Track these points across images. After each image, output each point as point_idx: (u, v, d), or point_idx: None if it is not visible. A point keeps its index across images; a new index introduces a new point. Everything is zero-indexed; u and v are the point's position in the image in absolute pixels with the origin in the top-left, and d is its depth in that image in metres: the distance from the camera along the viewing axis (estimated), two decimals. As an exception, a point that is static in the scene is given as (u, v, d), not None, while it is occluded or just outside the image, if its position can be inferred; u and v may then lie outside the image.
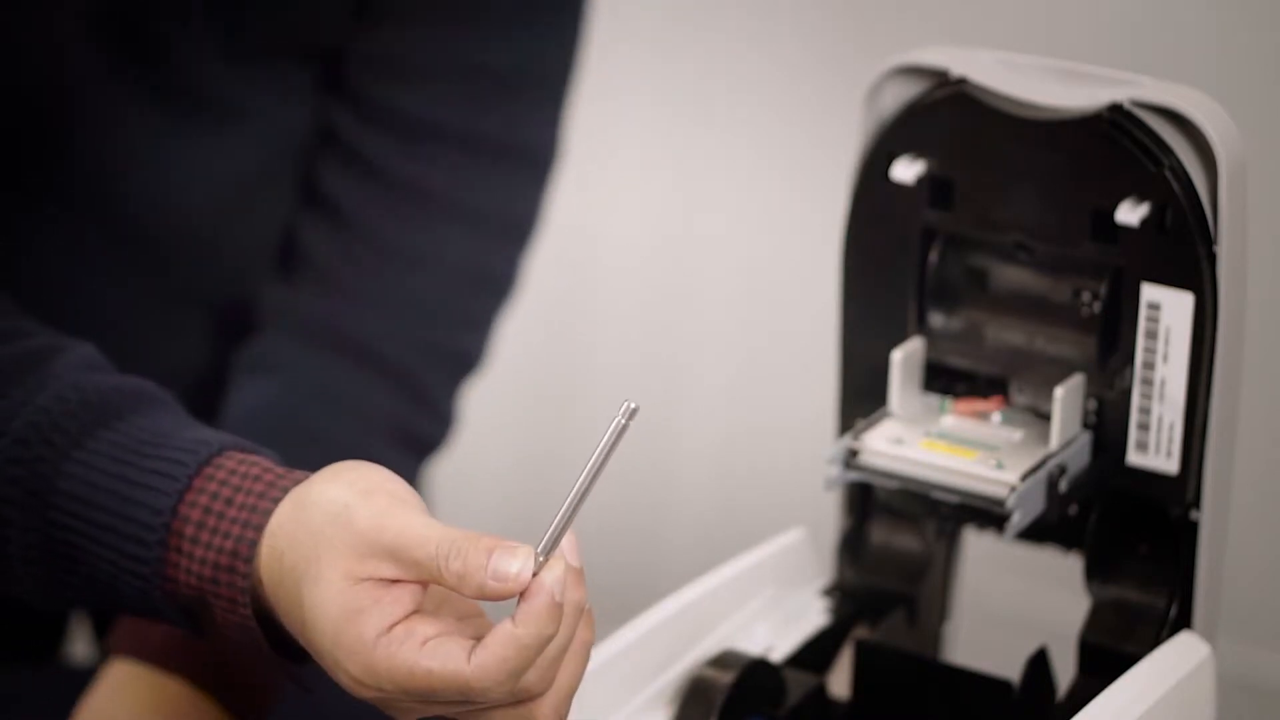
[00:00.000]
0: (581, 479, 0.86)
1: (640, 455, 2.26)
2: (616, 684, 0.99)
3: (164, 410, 0.98)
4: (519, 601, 0.86)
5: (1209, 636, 1.01)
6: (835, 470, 1.03)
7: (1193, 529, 1.01)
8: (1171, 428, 1.00)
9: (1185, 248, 0.97)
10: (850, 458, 1.02)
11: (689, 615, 1.02)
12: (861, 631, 1.08)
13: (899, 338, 1.05)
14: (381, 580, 0.88)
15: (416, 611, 0.88)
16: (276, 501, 0.92)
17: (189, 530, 0.93)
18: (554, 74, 1.28)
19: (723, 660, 1.02)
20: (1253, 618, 2.00)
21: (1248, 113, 1.06)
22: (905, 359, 1.04)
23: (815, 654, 1.07)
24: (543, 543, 0.86)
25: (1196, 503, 1.01)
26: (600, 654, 0.98)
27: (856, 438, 1.03)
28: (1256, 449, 1.63)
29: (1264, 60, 1.88)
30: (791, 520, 1.14)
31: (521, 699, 0.88)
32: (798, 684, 1.04)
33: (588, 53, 1.31)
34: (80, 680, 1.37)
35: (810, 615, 1.08)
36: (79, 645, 1.58)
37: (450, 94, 1.25)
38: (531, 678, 0.87)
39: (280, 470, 0.94)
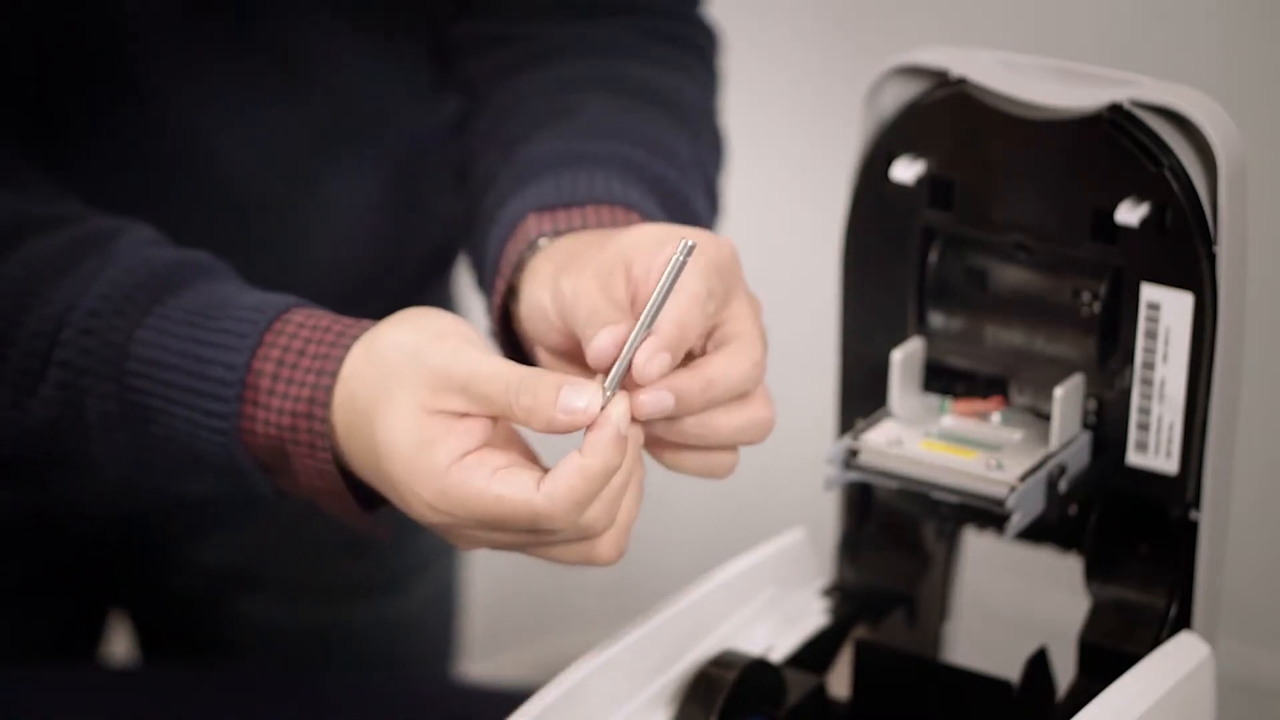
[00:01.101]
0: (644, 317, 0.90)
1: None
2: (616, 684, 0.99)
3: (226, 279, 1.02)
4: (586, 434, 0.89)
5: (1209, 636, 1.01)
6: (835, 470, 1.03)
7: (1192, 529, 1.01)
8: (1171, 428, 1.00)
9: (1185, 248, 0.97)
10: (850, 458, 1.02)
11: (689, 615, 1.02)
12: (861, 631, 1.08)
13: (899, 338, 1.05)
14: (453, 413, 0.91)
15: (487, 444, 0.91)
16: (347, 349, 0.95)
17: (264, 383, 0.96)
18: None
19: (723, 660, 1.02)
20: (1253, 618, 2.00)
21: (1248, 113, 1.06)
22: (905, 359, 1.04)
23: (815, 654, 1.07)
24: (609, 380, 0.90)
25: (1196, 503, 1.01)
26: (600, 654, 0.98)
27: (856, 438, 1.03)
28: (1256, 449, 1.63)
29: (1264, 60, 1.89)
30: (791, 520, 1.14)
31: (585, 536, 0.91)
32: (798, 684, 1.04)
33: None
34: (119, 680, 1.38)
35: (810, 615, 1.08)
36: (118, 645, 1.58)
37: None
38: (595, 512, 0.90)
39: (348, 320, 0.97)
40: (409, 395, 0.91)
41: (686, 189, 1.11)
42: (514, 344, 1.04)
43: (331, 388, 0.95)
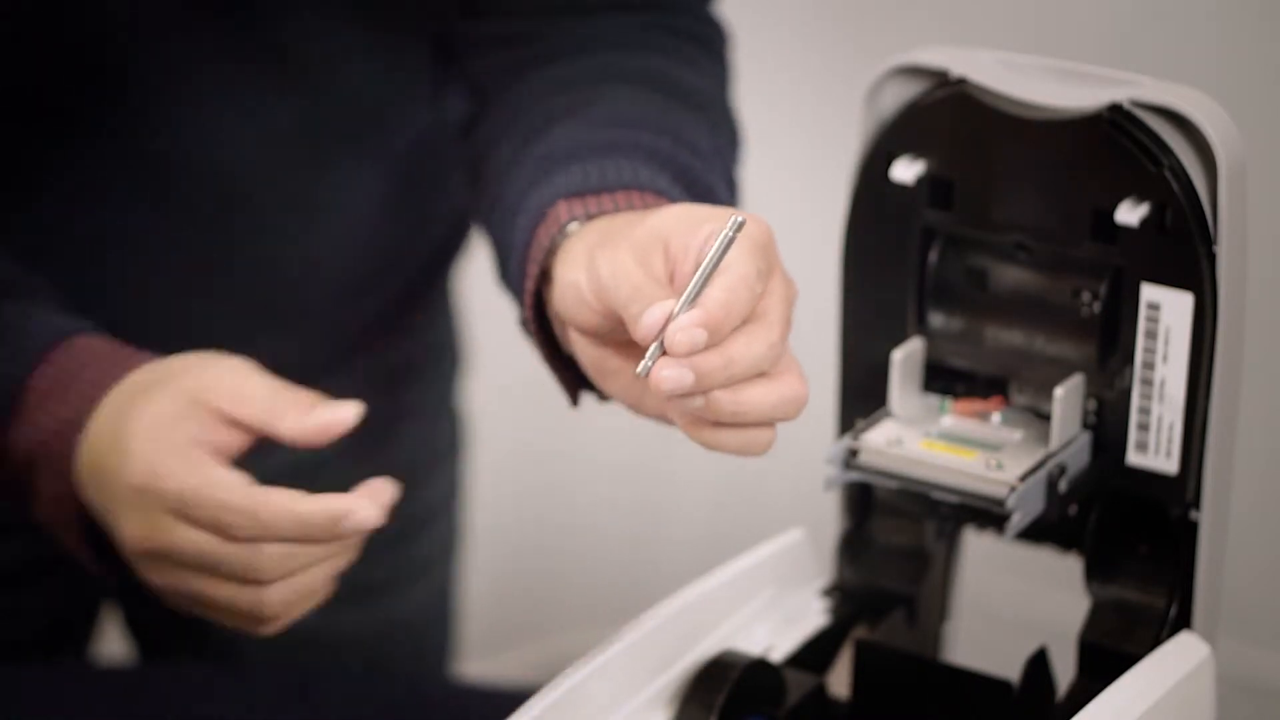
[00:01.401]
0: (689, 290, 0.91)
1: (640, 455, 2.26)
2: (617, 684, 0.99)
3: (36, 300, 1.05)
4: (333, 502, 0.94)
5: (1209, 636, 1.01)
6: (835, 470, 1.03)
7: (1193, 529, 1.01)
8: (1171, 428, 1.00)
9: (1185, 248, 0.97)
10: (850, 458, 1.02)
11: (689, 615, 1.02)
12: (861, 631, 1.08)
13: (899, 338, 1.05)
14: (217, 412, 0.97)
15: (229, 457, 0.97)
16: (120, 377, 0.99)
17: (34, 399, 0.99)
18: None
19: (723, 660, 1.02)
20: (1253, 618, 2.00)
21: (1248, 113, 1.06)
22: (905, 359, 1.04)
23: (815, 654, 1.07)
24: (647, 354, 0.90)
25: (1196, 503, 1.01)
26: (600, 654, 0.98)
27: (856, 438, 1.03)
28: (1256, 449, 1.63)
29: (1264, 60, 1.89)
30: (791, 520, 1.14)
31: (250, 576, 0.95)
32: (798, 684, 1.04)
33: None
34: (116, 679, 1.38)
35: (810, 615, 1.08)
36: (109, 644, 1.58)
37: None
38: (275, 551, 0.94)
39: (133, 350, 1.01)
40: (185, 380, 0.97)
41: (709, 178, 1.11)
42: (545, 330, 1.04)
43: (92, 411, 0.98)
